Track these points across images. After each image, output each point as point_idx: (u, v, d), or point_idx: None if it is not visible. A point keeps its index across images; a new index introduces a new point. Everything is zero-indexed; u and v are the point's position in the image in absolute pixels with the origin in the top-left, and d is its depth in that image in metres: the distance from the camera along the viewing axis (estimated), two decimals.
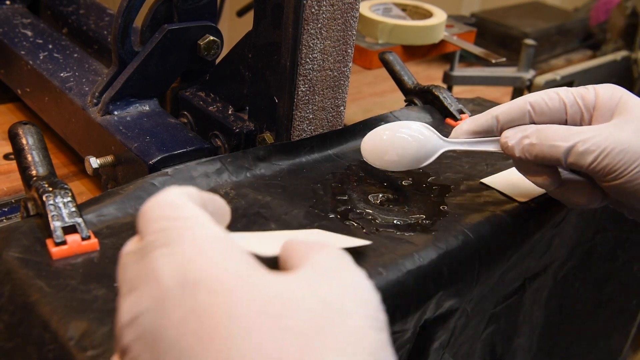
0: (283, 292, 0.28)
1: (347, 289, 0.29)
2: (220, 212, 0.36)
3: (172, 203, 0.32)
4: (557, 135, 0.48)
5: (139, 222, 0.32)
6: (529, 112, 0.51)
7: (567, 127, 0.49)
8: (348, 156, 0.61)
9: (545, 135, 0.49)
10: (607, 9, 1.36)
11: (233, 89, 0.66)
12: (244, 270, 0.28)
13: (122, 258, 0.31)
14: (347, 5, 0.59)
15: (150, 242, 0.30)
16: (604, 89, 0.51)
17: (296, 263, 0.31)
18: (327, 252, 0.31)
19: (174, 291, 0.28)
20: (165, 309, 0.27)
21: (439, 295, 0.48)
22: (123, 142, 0.62)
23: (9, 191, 0.72)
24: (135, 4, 0.65)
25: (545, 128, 0.49)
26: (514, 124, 0.52)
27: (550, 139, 0.48)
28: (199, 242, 0.29)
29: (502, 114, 0.52)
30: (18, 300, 0.41)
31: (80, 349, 0.37)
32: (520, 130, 0.51)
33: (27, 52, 0.78)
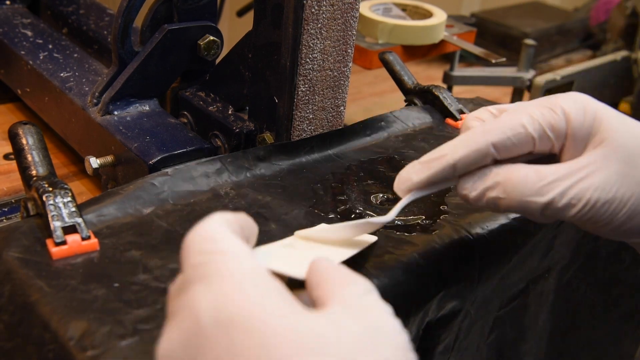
0: (317, 332, 0.28)
1: (377, 329, 0.30)
2: (252, 232, 0.37)
3: (210, 236, 0.32)
4: (527, 187, 0.41)
5: (181, 255, 0.32)
6: (492, 154, 0.42)
7: (536, 171, 0.42)
8: (348, 156, 0.61)
9: (513, 188, 0.41)
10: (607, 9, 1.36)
11: (233, 89, 0.66)
12: (279, 309, 0.29)
13: (169, 291, 0.32)
14: (347, 5, 0.59)
15: (188, 277, 0.31)
16: (575, 110, 0.42)
17: (325, 298, 0.32)
18: (355, 288, 0.32)
19: (210, 329, 0.28)
20: (200, 346, 0.28)
21: (440, 295, 0.48)
22: (123, 142, 0.62)
23: (9, 191, 0.72)
24: (135, 4, 0.65)
25: (510, 177, 0.42)
26: (473, 168, 0.43)
27: (520, 193, 0.41)
28: (236, 278, 0.30)
29: (461, 162, 0.42)
30: (18, 300, 0.41)
31: (80, 349, 0.37)
32: (480, 180, 0.43)
33: (27, 52, 0.78)
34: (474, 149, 0.42)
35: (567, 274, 0.63)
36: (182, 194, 0.52)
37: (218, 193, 0.53)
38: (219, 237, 0.32)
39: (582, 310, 0.69)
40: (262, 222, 0.50)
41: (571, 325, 0.68)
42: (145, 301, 0.40)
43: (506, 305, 0.57)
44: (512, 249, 0.54)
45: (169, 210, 0.50)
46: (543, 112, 0.42)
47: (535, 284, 0.59)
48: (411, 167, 0.44)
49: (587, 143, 0.42)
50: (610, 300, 0.72)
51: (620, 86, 1.19)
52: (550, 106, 0.42)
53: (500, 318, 0.57)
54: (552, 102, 0.43)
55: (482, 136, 0.42)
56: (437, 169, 0.42)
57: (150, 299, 0.41)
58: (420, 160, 0.44)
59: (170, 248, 0.46)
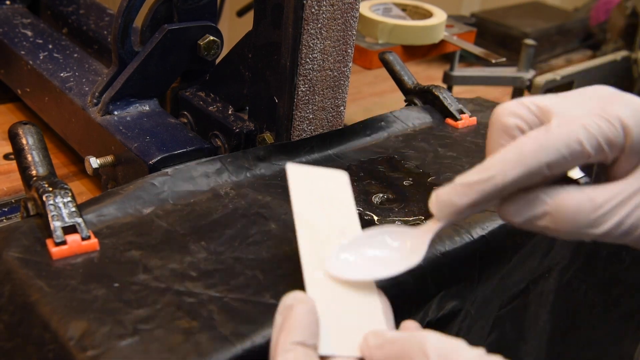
0: None
1: None
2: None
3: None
4: (580, 218, 0.38)
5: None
6: (545, 174, 0.38)
7: (589, 198, 0.38)
8: (348, 156, 0.61)
9: (565, 220, 0.38)
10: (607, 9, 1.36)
11: (233, 89, 0.66)
12: None
13: None
14: (347, 5, 0.59)
15: None
16: (634, 121, 0.38)
17: None
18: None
19: None
20: None
21: (440, 295, 0.48)
22: (123, 142, 0.62)
23: (9, 191, 0.72)
24: (135, 4, 0.65)
25: (561, 207, 0.38)
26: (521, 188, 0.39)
27: (572, 226, 0.38)
28: None
29: (511, 186, 0.38)
30: (18, 300, 0.41)
31: (80, 349, 0.37)
32: (527, 207, 0.39)
33: (27, 52, 0.78)
34: (527, 171, 0.37)
35: (567, 274, 0.63)
36: (182, 194, 0.52)
37: (218, 193, 0.53)
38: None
39: (582, 310, 0.69)
40: (262, 222, 0.50)
41: (571, 325, 0.68)
42: (145, 301, 0.40)
43: (506, 305, 0.57)
44: (512, 249, 0.54)
45: (169, 210, 0.50)
46: (600, 125, 0.38)
47: (536, 284, 0.59)
48: (453, 189, 0.39)
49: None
50: (611, 301, 0.72)
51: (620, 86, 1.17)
52: (607, 117, 0.38)
53: (500, 318, 0.57)
54: (608, 111, 0.38)
55: (536, 156, 0.37)
56: (484, 193, 0.38)
57: (150, 299, 0.41)
58: (463, 182, 0.39)
59: (170, 248, 0.46)
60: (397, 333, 0.36)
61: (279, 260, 0.46)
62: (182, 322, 0.39)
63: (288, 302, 0.37)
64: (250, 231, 0.48)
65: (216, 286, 0.42)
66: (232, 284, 0.43)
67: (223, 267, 0.44)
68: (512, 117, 0.40)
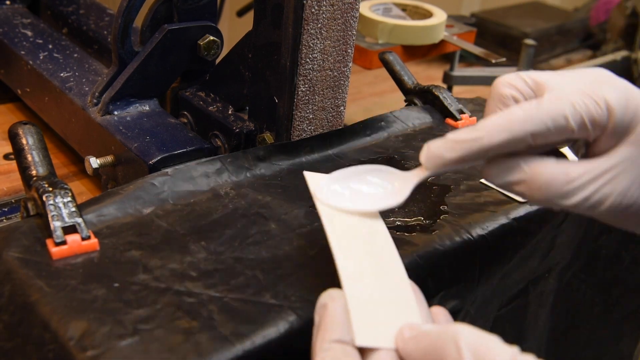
0: None
1: None
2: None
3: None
4: (553, 189, 0.40)
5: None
6: (528, 143, 0.40)
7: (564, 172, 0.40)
8: (348, 156, 0.61)
9: (539, 189, 0.41)
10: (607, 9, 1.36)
11: (233, 89, 0.66)
12: None
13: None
14: (347, 5, 0.59)
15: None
16: (619, 105, 0.40)
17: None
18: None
19: None
20: None
21: (440, 295, 0.48)
22: (123, 142, 0.62)
23: (9, 191, 0.72)
24: (135, 4, 0.65)
25: (537, 176, 0.41)
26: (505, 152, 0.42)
27: (544, 194, 0.41)
28: None
29: (496, 148, 0.41)
30: (18, 300, 0.41)
31: (80, 349, 0.37)
32: (507, 172, 0.42)
33: (27, 52, 0.78)
34: (512, 137, 0.40)
35: (567, 274, 0.63)
36: (182, 194, 0.52)
37: (218, 193, 0.53)
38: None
39: (582, 310, 0.69)
40: (262, 222, 0.50)
41: (571, 325, 0.68)
42: (145, 301, 0.40)
43: (506, 305, 0.57)
44: (512, 249, 0.54)
45: (169, 210, 0.50)
46: (587, 103, 0.40)
47: (536, 284, 0.59)
48: (443, 143, 0.42)
49: (621, 138, 0.41)
50: (610, 300, 0.72)
51: None
52: (595, 97, 0.40)
53: (500, 318, 0.57)
54: (596, 92, 0.40)
55: (522, 125, 0.40)
56: (471, 151, 0.41)
57: (150, 299, 0.41)
58: (454, 139, 0.42)
59: (170, 248, 0.46)
60: (432, 326, 0.36)
61: (279, 260, 0.46)
62: (182, 322, 0.39)
63: (322, 300, 0.38)
64: (250, 231, 0.48)
65: (216, 286, 0.42)
66: (232, 284, 0.43)
67: (223, 267, 0.44)
68: (509, 88, 0.43)
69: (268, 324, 0.40)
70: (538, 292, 0.60)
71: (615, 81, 0.42)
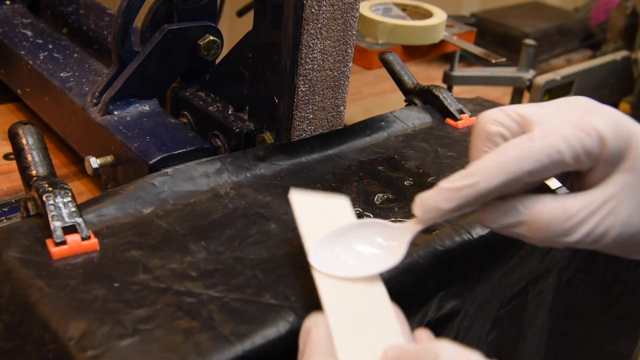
0: None
1: None
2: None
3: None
4: (553, 228, 0.39)
5: None
6: (525, 182, 0.39)
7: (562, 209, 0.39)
8: (348, 156, 0.61)
9: (539, 229, 0.40)
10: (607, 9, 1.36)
11: (233, 89, 0.66)
12: None
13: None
14: (347, 5, 0.59)
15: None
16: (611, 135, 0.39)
17: None
18: None
19: None
20: None
21: (439, 295, 0.48)
22: (123, 142, 0.62)
23: (9, 191, 0.72)
24: (135, 4, 0.65)
25: (536, 217, 0.39)
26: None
27: (545, 235, 0.40)
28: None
29: (493, 192, 0.39)
30: (18, 300, 0.41)
31: (80, 349, 0.37)
32: (505, 215, 0.40)
33: (27, 52, 0.78)
34: (509, 178, 0.39)
35: (566, 273, 0.63)
36: (182, 194, 0.52)
37: (218, 193, 0.53)
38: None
39: (581, 309, 0.69)
40: (262, 222, 0.50)
41: (570, 324, 0.68)
42: (145, 301, 0.40)
43: (506, 305, 0.57)
44: (512, 249, 0.54)
45: (169, 210, 0.50)
46: (579, 136, 0.39)
47: (535, 283, 0.59)
48: (437, 193, 0.40)
49: (615, 166, 0.40)
50: (609, 300, 0.72)
51: (620, 86, 1.19)
52: (586, 128, 0.39)
53: (499, 318, 0.57)
54: (587, 123, 0.39)
55: (518, 164, 0.39)
56: (468, 199, 0.39)
57: (150, 299, 0.41)
58: (447, 187, 0.40)
59: (170, 248, 0.46)
60: (414, 345, 0.37)
61: (279, 260, 0.46)
62: (182, 322, 0.39)
63: (306, 326, 0.38)
64: (250, 231, 0.48)
65: (216, 286, 0.42)
66: (232, 284, 0.43)
67: (223, 267, 0.44)
68: (495, 125, 0.41)
69: (268, 324, 0.40)
70: (537, 292, 0.60)
71: (602, 109, 0.41)
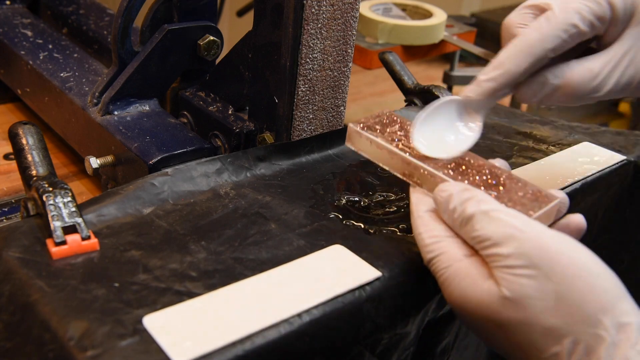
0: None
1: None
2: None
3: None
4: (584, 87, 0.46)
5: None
6: (549, 57, 0.46)
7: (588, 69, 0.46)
8: (348, 156, 0.61)
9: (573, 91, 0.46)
10: None
11: (233, 89, 0.66)
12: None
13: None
14: (347, 5, 0.59)
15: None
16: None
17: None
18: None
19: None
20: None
21: (440, 295, 0.48)
22: (123, 142, 0.62)
23: (9, 191, 0.72)
24: (135, 4, 0.65)
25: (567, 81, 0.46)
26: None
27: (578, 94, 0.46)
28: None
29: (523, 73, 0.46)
30: (18, 300, 0.41)
31: (80, 349, 0.37)
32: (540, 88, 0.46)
33: (27, 52, 0.78)
34: (535, 59, 0.45)
35: None
36: (182, 194, 0.52)
37: (218, 193, 0.53)
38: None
39: None
40: (262, 222, 0.50)
41: None
42: (145, 301, 0.40)
43: None
44: None
45: (169, 210, 0.50)
46: (590, 6, 0.45)
47: None
48: (477, 85, 0.47)
49: (626, 23, 0.46)
50: None
51: None
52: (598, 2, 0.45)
53: None
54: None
55: (540, 44, 0.45)
56: (503, 82, 0.46)
57: (150, 299, 0.41)
58: (484, 79, 0.46)
59: (170, 248, 0.46)
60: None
61: (279, 260, 0.45)
62: None
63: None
64: (250, 231, 0.48)
65: (216, 286, 0.42)
66: (232, 284, 0.43)
67: (223, 267, 0.44)
68: (519, 28, 0.47)
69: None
70: None
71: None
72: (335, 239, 0.48)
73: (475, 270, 0.40)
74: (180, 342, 0.37)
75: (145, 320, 0.39)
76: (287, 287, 0.43)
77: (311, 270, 0.44)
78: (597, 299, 0.37)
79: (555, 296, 0.37)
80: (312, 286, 0.43)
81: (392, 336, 0.45)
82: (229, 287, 0.42)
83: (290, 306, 0.41)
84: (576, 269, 0.37)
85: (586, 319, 0.37)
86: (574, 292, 0.37)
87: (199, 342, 0.37)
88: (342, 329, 0.42)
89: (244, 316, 0.40)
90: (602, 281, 0.38)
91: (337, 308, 0.42)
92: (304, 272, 0.44)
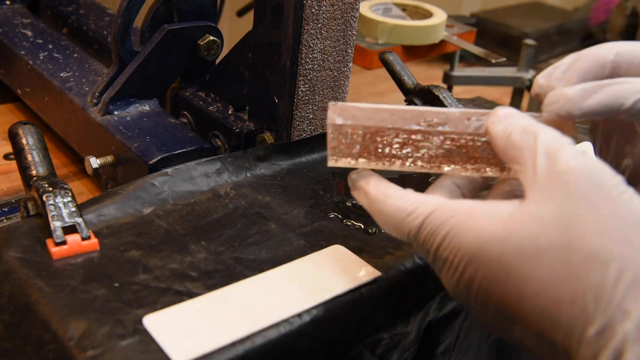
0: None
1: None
2: None
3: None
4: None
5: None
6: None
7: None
8: None
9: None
10: (607, 9, 1.36)
11: (233, 89, 0.66)
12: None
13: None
14: (347, 5, 0.59)
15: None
16: None
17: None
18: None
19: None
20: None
21: (440, 295, 0.48)
22: (123, 142, 0.62)
23: (9, 191, 0.72)
24: (135, 4, 0.65)
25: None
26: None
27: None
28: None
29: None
30: (18, 300, 0.41)
31: (80, 349, 0.37)
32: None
33: (27, 52, 0.78)
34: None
35: None
36: (182, 194, 0.52)
37: (218, 193, 0.53)
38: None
39: None
40: (262, 222, 0.50)
41: None
42: (145, 301, 0.40)
43: None
44: None
45: (169, 210, 0.50)
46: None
47: None
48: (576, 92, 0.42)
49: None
50: None
51: None
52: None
53: None
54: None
55: (606, 52, 0.44)
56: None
57: (150, 299, 0.41)
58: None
59: (170, 248, 0.46)
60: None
61: (279, 260, 0.46)
62: None
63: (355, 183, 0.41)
64: (250, 231, 0.48)
65: (216, 286, 0.42)
66: (232, 284, 0.43)
67: (223, 267, 0.44)
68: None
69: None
70: None
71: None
72: (335, 239, 0.48)
73: (489, 205, 0.35)
74: (180, 342, 0.37)
75: (145, 320, 0.39)
76: (287, 287, 0.43)
77: (311, 270, 0.44)
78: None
79: (605, 219, 0.33)
80: (312, 286, 0.43)
81: (392, 336, 0.45)
82: (229, 287, 0.42)
83: (291, 306, 0.41)
84: (628, 195, 0.33)
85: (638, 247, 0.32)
86: (628, 216, 0.33)
87: (199, 342, 0.37)
88: (342, 329, 0.42)
89: (244, 316, 0.40)
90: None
91: (337, 308, 0.42)
92: (304, 272, 0.44)
